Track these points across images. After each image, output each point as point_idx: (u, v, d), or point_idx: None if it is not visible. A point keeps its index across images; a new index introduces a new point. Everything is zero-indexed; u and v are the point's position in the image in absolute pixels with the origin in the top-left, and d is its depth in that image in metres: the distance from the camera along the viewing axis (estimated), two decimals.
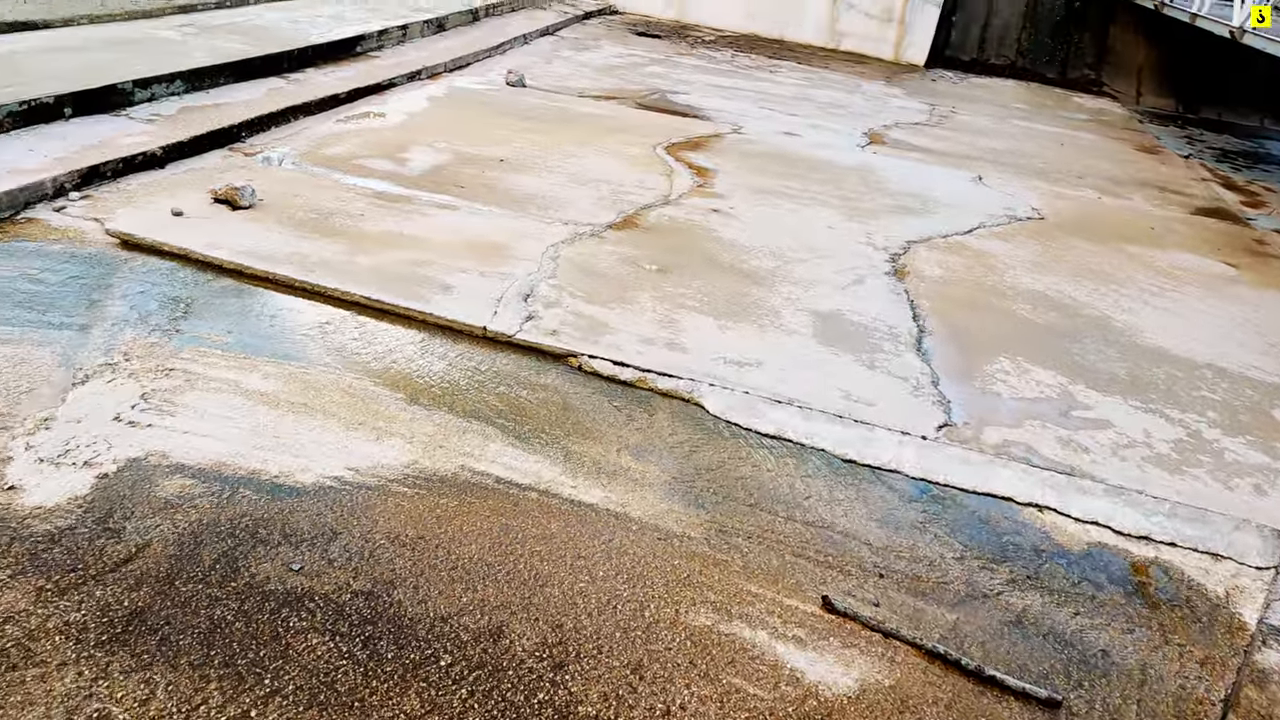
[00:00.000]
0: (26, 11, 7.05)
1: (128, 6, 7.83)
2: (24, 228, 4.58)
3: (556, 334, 4.22)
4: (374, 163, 6.17)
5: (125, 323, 3.88)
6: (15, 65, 5.95)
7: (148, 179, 5.36)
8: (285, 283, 4.41)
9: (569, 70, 10.25)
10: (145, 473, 3.01)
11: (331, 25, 8.88)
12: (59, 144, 5.29)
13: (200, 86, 6.71)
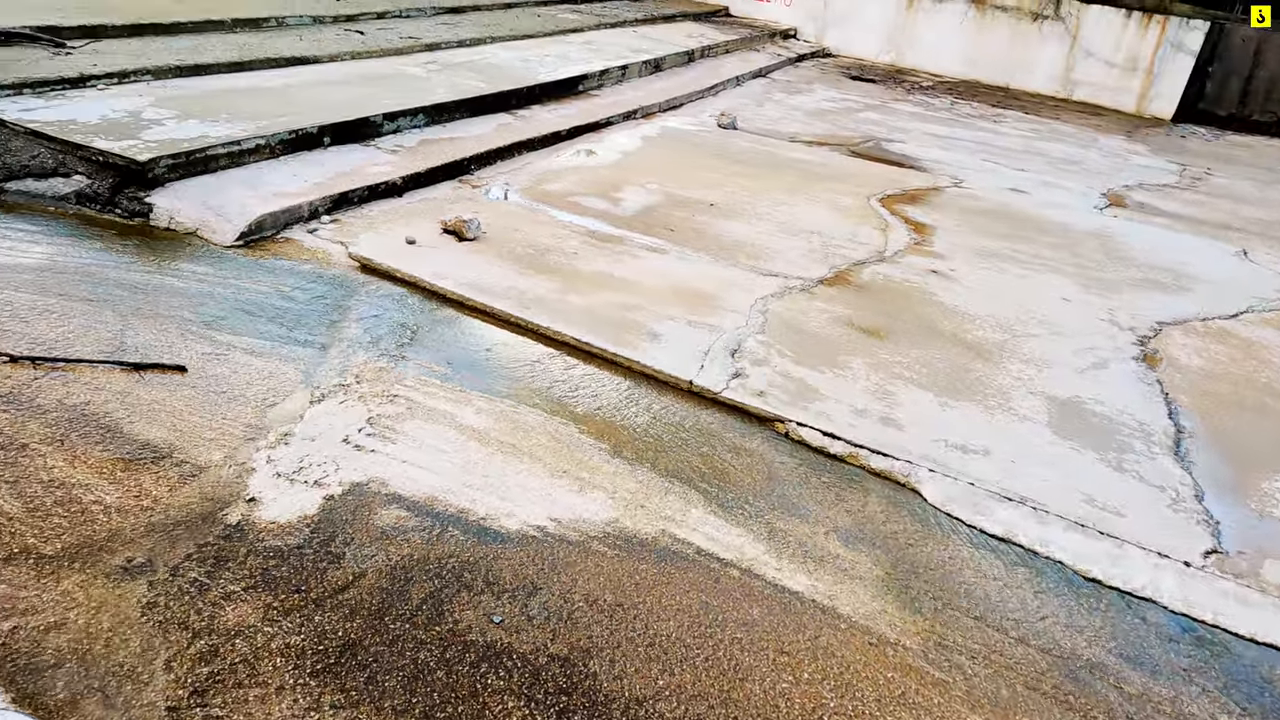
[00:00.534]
0: (301, 48, 7.88)
1: (384, 45, 8.58)
2: (282, 246, 5.01)
3: (764, 395, 4.04)
4: (589, 201, 6.30)
5: (358, 345, 4.12)
6: (289, 97, 6.62)
7: (388, 206, 5.75)
8: (502, 317, 4.53)
9: (780, 114, 10.14)
10: (366, 499, 3.12)
11: (557, 65, 9.28)
12: (317, 170, 5.79)
13: (439, 120, 7.17)
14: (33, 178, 5.08)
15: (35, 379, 3.52)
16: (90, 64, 6.31)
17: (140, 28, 7.45)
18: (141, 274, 4.46)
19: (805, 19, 15.22)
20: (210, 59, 7.00)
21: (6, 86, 5.65)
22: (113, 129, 5.39)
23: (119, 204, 5.03)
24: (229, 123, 5.82)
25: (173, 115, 5.80)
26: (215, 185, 5.31)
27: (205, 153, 5.35)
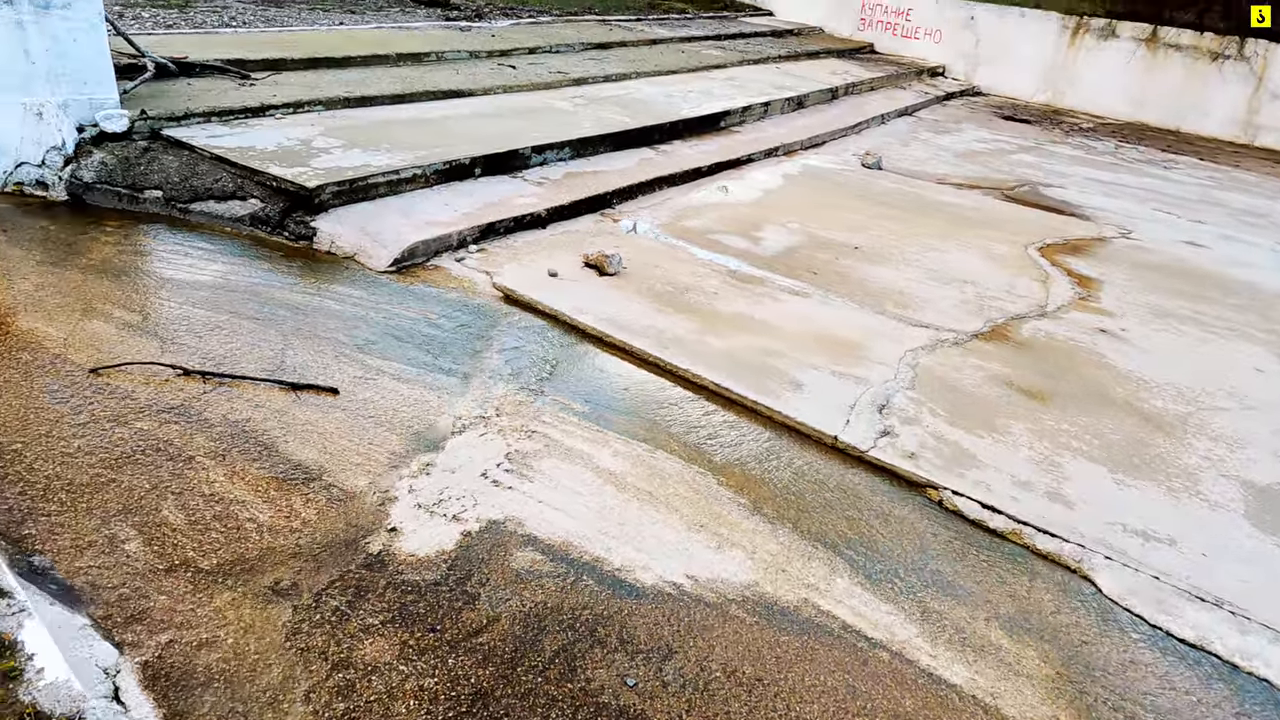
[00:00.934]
0: (458, 81, 8.22)
1: (533, 79, 8.83)
2: (431, 274, 5.14)
3: (915, 458, 3.77)
4: (729, 239, 6.20)
5: (499, 376, 4.13)
6: (445, 128, 6.88)
7: (531, 238, 5.83)
8: (640, 355, 4.46)
9: (927, 154, 9.76)
10: (502, 538, 3.08)
11: (700, 100, 9.28)
12: (467, 200, 5.95)
13: (583, 154, 7.27)
14: (214, 200, 5.44)
15: (204, 393, 3.70)
16: (270, 94, 6.77)
17: (316, 61, 7.96)
18: (303, 295, 4.66)
19: (955, 56, 14.71)
20: (375, 91, 7.38)
21: (197, 115, 6.12)
22: (286, 156, 5.73)
23: (287, 227, 5.32)
24: (389, 152, 6.08)
25: (340, 144, 6.12)
26: (374, 212, 5.53)
27: (366, 181, 5.60)
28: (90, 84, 5.68)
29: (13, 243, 4.87)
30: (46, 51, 5.45)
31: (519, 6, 13.42)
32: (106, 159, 5.59)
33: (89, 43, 5.60)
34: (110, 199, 5.51)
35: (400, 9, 11.85)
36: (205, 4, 10.80)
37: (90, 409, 3.49)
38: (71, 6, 5.46)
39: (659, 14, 14.67)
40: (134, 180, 5.51)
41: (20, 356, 3.79)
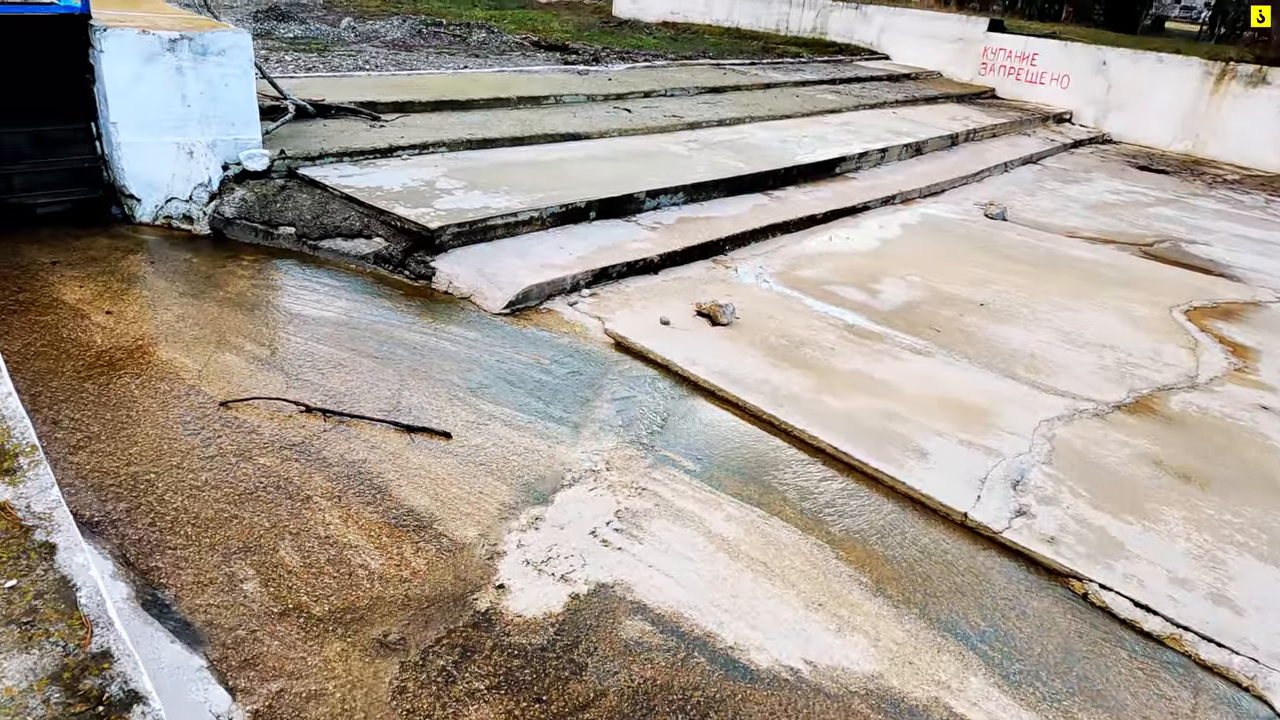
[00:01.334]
0: (575, 125, 8.36)
1: (648, 123, 8.90)
2: (544, 317, 5.15)
3: (1055, 543, 3.46)
4: (845, 291, 5.99)
5: (609, 428, 4.05)
6: (562, 171, 6.97)
7: (643, 283, 5.78)
8: (753, 412, 4.31)
9: (1054, 205, 9.28)
10: (610, 604, 2.97)
11: (815, 146, 9.14)
12: (581, 244, 5.97)
13: (697, 199, 7.22)
14: (341, 237, 5.64)
15: (324, 431, 3.77)
16: (398, 136, 7.02)
17: (441, 104, 8.25)
18: (420, 335, 4.73)
19: (1083, 103, 14.07)
20: (496, 133, 7.57)
21: (331, 155, 6.40)
22: (410, 197, 5.90)
23: (408, 266, 5.45)
24: (508, 195, 6.18)
25: (461, 185, 6.27)
26: (491, 254, 5.61)
27: (485, 223, 5.69)
28: (237, 125, 6.02)
29: (159, 274, 5.15)
30: (201, 95, 5.81)
31: (635, 51, 13.66)
32: (246, 196, 5.89)
33: (239, 87, 5.94)
34: (248, 234, 5.79)
35: (522, 54, 12.24)
36: (342, 49, 11.44)
37: (218, 442, 3.60)
38: (226, 54, 5.81)
39: (773, 59, 14.65)
40: (270, 217, 5.78)
41: (159, 386, 3.96)
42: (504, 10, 18.65)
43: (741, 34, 17.88)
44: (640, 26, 18.17)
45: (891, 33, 16.61)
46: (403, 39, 12.64)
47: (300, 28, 12.62)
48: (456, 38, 13.02)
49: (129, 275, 5.09)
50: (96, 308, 4.63)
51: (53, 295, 4.72)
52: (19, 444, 1.49)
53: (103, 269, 5.13)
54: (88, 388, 3.90)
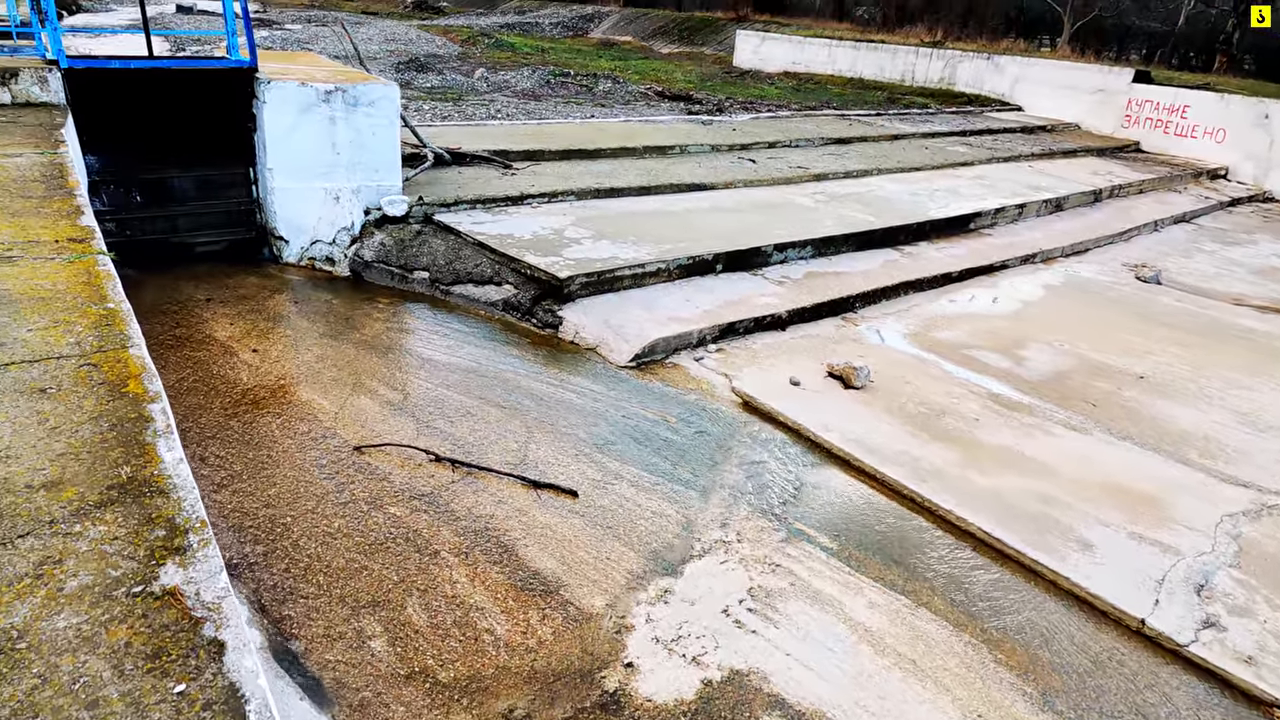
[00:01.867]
0: (700, 175, 8.33)
1: (773, 174, 8.79)
2: (670, 372, 5.03)
3: (1254, 665, 3.02)
4: (986, 356, 5.62)
5: (739, 495, 3.86)
6: (688, 222, 6.91)
7: (771, 340, 5.60)
8: (893, 486, 4.03)
9: (1214, 268, 8.56)
10: (745, 695, 2.75)
11: (947, 200, 8.78)
12: (708, 297, 5.86)
13: (825, 253, 7.01)
14: (473, 283, 5.72)
15: (452, 482, 3.74)
16: (529, 184, 7.15)
17: (569, 153, 8.39)
18: (546, 385, 4.69)
19: (1241, 158, 13.10)
20: (623, 183, 7.61)
21: (465, 201, 6.55)
22: (540, 245, 5.95)
23: (535, 314, 5.46)
24: (635, 245, 6.15)
25: (589, 235, 6.29)
26: (617, 304, 5.57)
27: (613, 274, 5.66)
28: (380, 172, 6.25)
29: (302, 314, 5.34)
30: (350, 143, 6.07)
31: (758, 101, 13.65)
32: (385, 240, 6.08)
33: (385, 136, 6.18)
34: (384, 277, 5.96)
35: (646, 103, 12.42)
36: (475, 98, 11.90)
37: (351, 488, 3.62)
38: (375, 105, 6.07)
39: (899, 109, 14.34)
40: (406, 261, 5.93)
41: (298, 427, 4.04)
42: (627, 61, 19.11)
43: (865, 84, 17.66)
44: (762, 77, 18.22)
45: (1025, 83, 16.02)
46: (532, 89, 13.05)
47: (437, 78, 13.23)
48: (583, 87, 13.36)
49: (274, 314, 5.29)
50: (244, 345, 4.82)
51: (205, 332, 4.95)
52: (189, 519, 1.46)
53: (251, 307, 5.36)
54: (233, 425, 4.01)
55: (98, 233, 2.85)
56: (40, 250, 2.64)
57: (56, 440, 1.72)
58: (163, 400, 1.88)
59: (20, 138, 4.18)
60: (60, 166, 3.62)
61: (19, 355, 2.04)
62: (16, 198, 3.18)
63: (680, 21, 27.09)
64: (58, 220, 2.94)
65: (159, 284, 5.64)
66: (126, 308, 2.32)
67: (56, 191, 3.28)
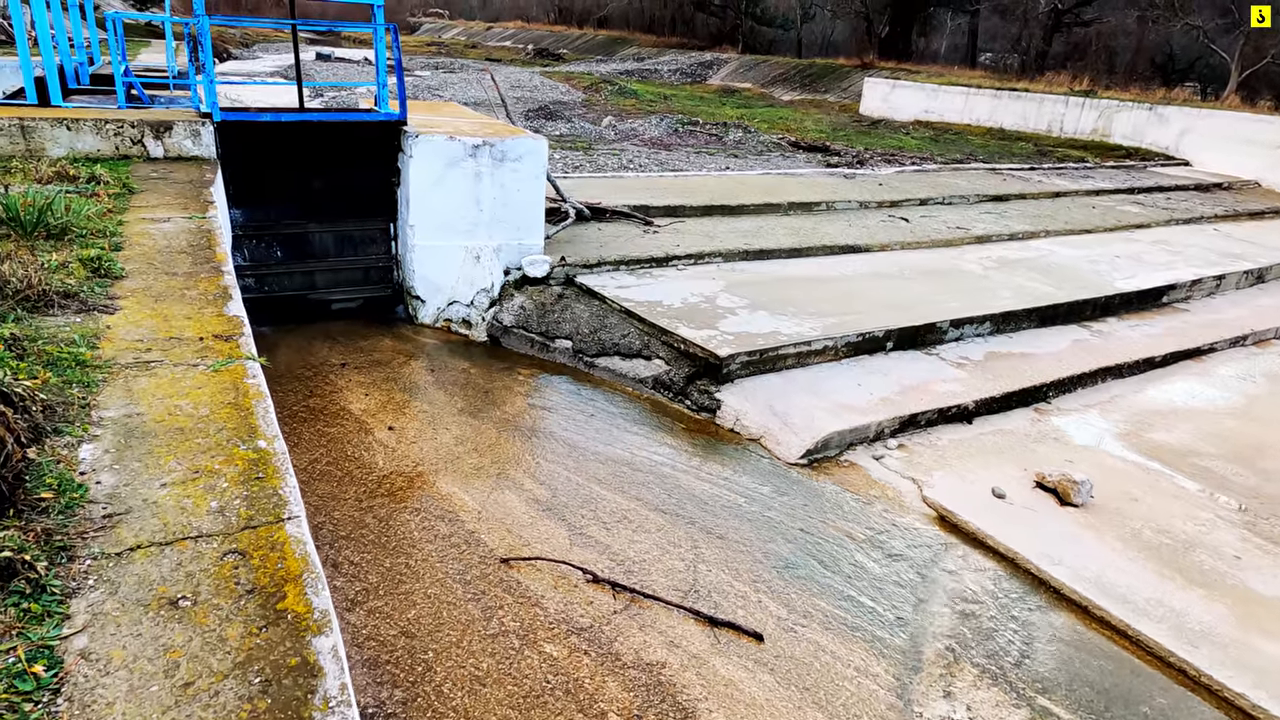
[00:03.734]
0: (852, 235, 7.68)
1: (931, 235, 8.04)
2: (847, 473, 4.35)
3: None
4: (1223, 467, 4.69)
5: (960, 650, 3.13)
6: (847, 290, 6.25)
7: (957, 435, 4.84)
8: (1155, 651, 3.21)
9: None
10: None
11: (1132, 269, 7.80)
12: (881, 381, 5.16)
13: (1004, 329, 6.21)
14: (619, 356, 5.21)
15: (615, 612, 3.16)
16: (673, 244, 6.66)
17: (711, 209, 7.89)
18: (710, 485, 4.09)
19: None
20: (772, 244, 7.03)
21: (609, 263, 6.10)
22: (692, 315, 5.40)
23: (689, 395, 4.89)
24: (795, 318, 5.53)
25: (743, 304, 5.71)
26: (780, 388, 4.94)
27: (776, 352, 5.05)
28: (522, 230, 5.88)
29: (438, 384, 4.95)
30: (494, 200, 5.72)
31: (897, 152, 12.90)
32: (525, 303, 5.67)
33: (530, 192, 5.81)
34: (523, 344, 5.54)
35: (781, 154, 11.87)
36: (604, 146, 11.63)
37: (500, 615, 3.09)
38: (522, 160, 5.71)
39: (1053, 162, 13.29)
40: (547, 328, 5.49)
41: (438, 528, 3.57)
42: (752, 109, 18.69)
43: (1006, 135, 16.62)
44: (895, 126, 17.44)
45: (1194, 136, 14.66)
46: (661, 137, 12.72)
47: (566, 125, 13.08)
48: (713, 136, 12.94)
49: (410, 384, 4.91)
50: (380, 421, 4.43)
51: (340, 403, 4.60)
52: (330, 694, 0.93)
53: (386, 375, 5.00)
54: (368, 522, 3.57)
55: (246, 325, 2.46)
56: (182, 352, 2.26)
57: (186, 711, 1.18)
58: (332, 630, 1.36)
59: (170, 197, 3.96)
60: (208, 234, 3.32)
61: (148, 531, 1.59)
62: (161, 274, 2.85)
63: (801, 69, 26.61)
64: (203, 307, 2.58)
65: (294, 343, 5.37)
66: (281, 448, 1.86)
67: (203, 267, 2.95)
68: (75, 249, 2.98)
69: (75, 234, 3.09)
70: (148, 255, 3.02)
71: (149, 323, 2.45)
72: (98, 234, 3.16)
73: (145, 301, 2.63)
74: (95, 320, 2.47)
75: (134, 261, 2.97)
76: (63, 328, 2.43)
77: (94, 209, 3.29)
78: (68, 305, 2.54)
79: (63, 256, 2.84)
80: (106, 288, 2.71)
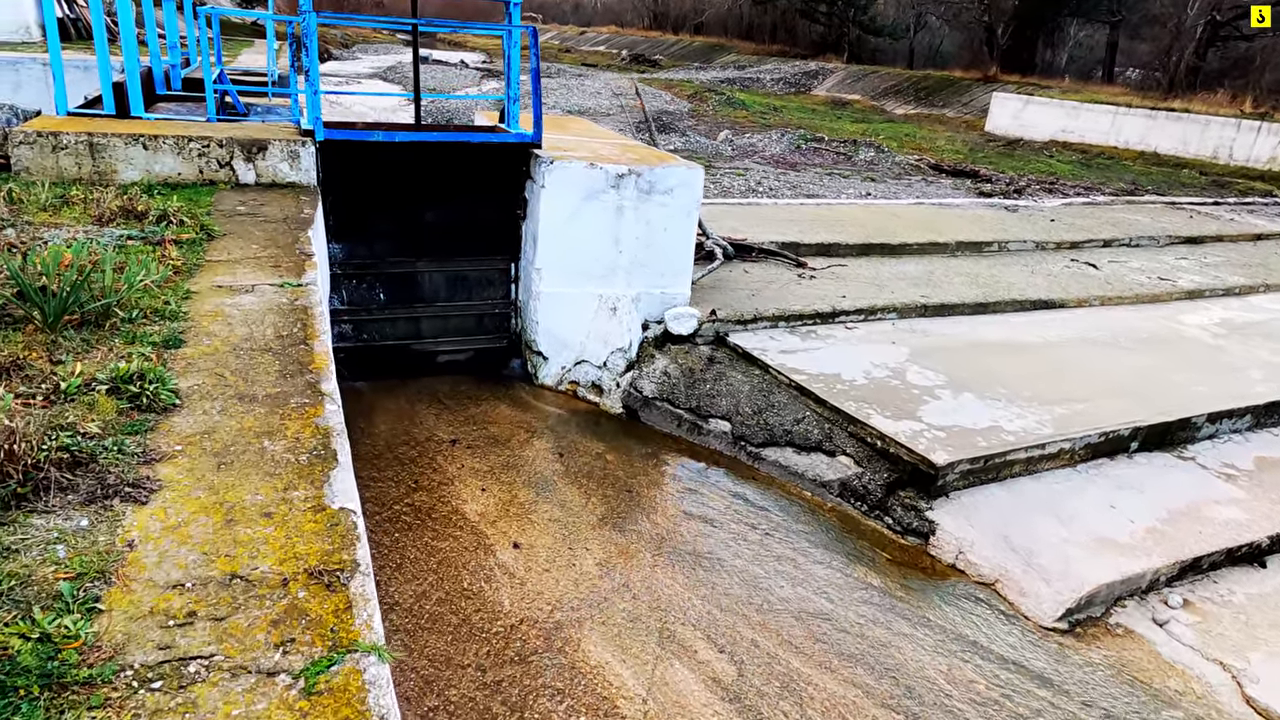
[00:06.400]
0: (1040, 286, 6.44)
1: (1132, 288, 6.72)
2: (1124, 644, 3.18)
3: None
4: None
5: None
6: (1057, 361, 5.04)
7: (1255, 587, 3.61)
8: None
9: None
10: None
11: None
12: (1137, 500, 3.95)
13: (1266, 424, 4.89)
14: (793, 448, 4.15)
15: None
16: (836, 294, 5.55)
17: (868, 248, 6.75)
18: (943, 659, 2.99)
19: None
20: (952, 297, 5.85)
21: (764, 318, 5.04)
22: (881, 395, 4.29)
23: (890, 510, 3.79)
24: (1010, 404, 4.36)
25: (940, 380, 4.57)
26: (1010, 507, 3.79)
27: (1004, 457, 3.90)
28: (666, 276, 4.87)
29: (570, 476, 3.96)
30: (636, 240, 4.73)
31: (1052, 179, 11.46)
32: (669, 368, 4.66)
33: (679, 231, 4.81)
34: (668, 421, 4.52)
35: (923, 178, 10.61)
36: (725, 164, 10.59)
37: None
38: (673, 193, 4.71)
39: (1236, 195, 11.63)
40: (698, 403, 4.47)
41: None
42: (871, 124, 17.38)
43: (1162, 160, 14.88)
44: (1034, 147, 15.86)
45: None
46: (784, 155, 11.61)
47: (680, 139, 12.10)
48: (841, 155, 11.75)
49: (536, 475, 3.95)
50: (502, 533, 3.47)
51: (452, 502, 3.65)
52: None
53: (505, 459, 4.05)
54: (496, 711, 2.59)
55: (362, 540, 1.47)
56: (251, 627, 1.24)
57: None
58: None
59: (257, 245, 3.08)
60: (304, 317, 2.40)
61: None
62: (231, 399, 1.88)
63: (915, 81, 25.02)
64: (291, 482, 1.60)
65: (394, 406, 4.49)
66: None
67: (294, 381, 2.01)
68: (115, 347, 2.06)
69: (122, 317, 2.20)
70: (217, 358, 2.09)
71: (199, 531, 1.45)
72: (153, 315, 2.26)
73: (201, 471, 1.64)
74: (113, 527, 1.47)
75: (195, 373, 2.01)
76: (49, 552, 1.43)
77: (155, 274, 2.41)
78: (75, 486, 1.57)
79: (91, 368, 1.92)
80: (146, 436, 1.72)
